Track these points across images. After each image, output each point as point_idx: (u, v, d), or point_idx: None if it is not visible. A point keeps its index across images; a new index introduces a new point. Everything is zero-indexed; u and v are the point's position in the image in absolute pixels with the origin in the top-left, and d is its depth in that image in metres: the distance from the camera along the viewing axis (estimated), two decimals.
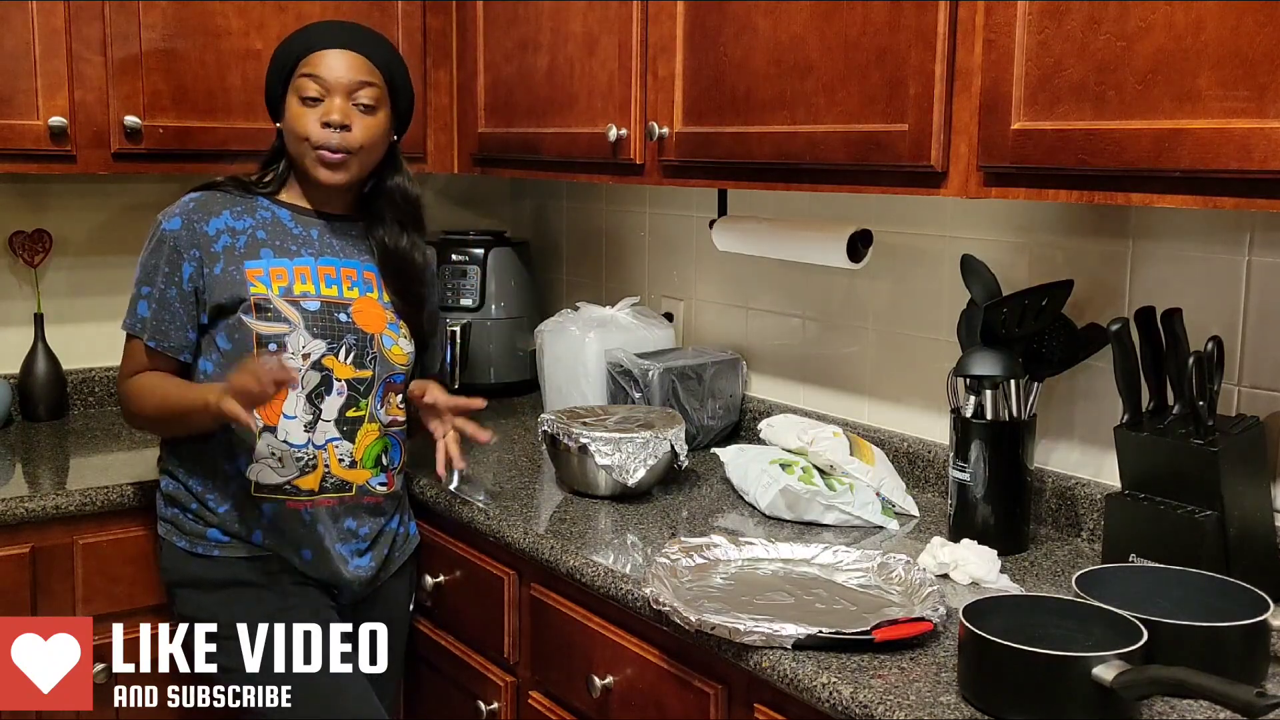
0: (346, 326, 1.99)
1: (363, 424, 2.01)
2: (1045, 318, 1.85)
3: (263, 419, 1.94)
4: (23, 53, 2.26)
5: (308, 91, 1.95)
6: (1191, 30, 1.34)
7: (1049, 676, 1.29)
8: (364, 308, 2.03)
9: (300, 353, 1.95)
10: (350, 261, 2.05)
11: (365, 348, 2.01)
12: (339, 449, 1.99)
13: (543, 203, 3.21)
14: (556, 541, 1.89)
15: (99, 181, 2.72)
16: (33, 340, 2.63)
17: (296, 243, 2.02)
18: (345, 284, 2.03)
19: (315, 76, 1.95)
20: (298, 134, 1.96)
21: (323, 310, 1.98)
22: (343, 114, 1.95)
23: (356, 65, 1.97)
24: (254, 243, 1.98)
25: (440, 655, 2.22)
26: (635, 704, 1.75)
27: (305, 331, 1.96)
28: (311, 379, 1.96)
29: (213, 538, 1.98)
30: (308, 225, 2.04)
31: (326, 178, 1.97)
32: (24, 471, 2.30)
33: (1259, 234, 1.72)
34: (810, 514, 1.98)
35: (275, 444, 1.95)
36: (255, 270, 1.96)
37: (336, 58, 1.96)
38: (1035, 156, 1.51)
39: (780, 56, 1.86)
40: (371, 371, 2.01)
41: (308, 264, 2.01)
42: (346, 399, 1.99)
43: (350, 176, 1.99)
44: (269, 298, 1.95)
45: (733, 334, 2.62)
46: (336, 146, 1.95)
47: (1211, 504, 1.61)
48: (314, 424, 1.97)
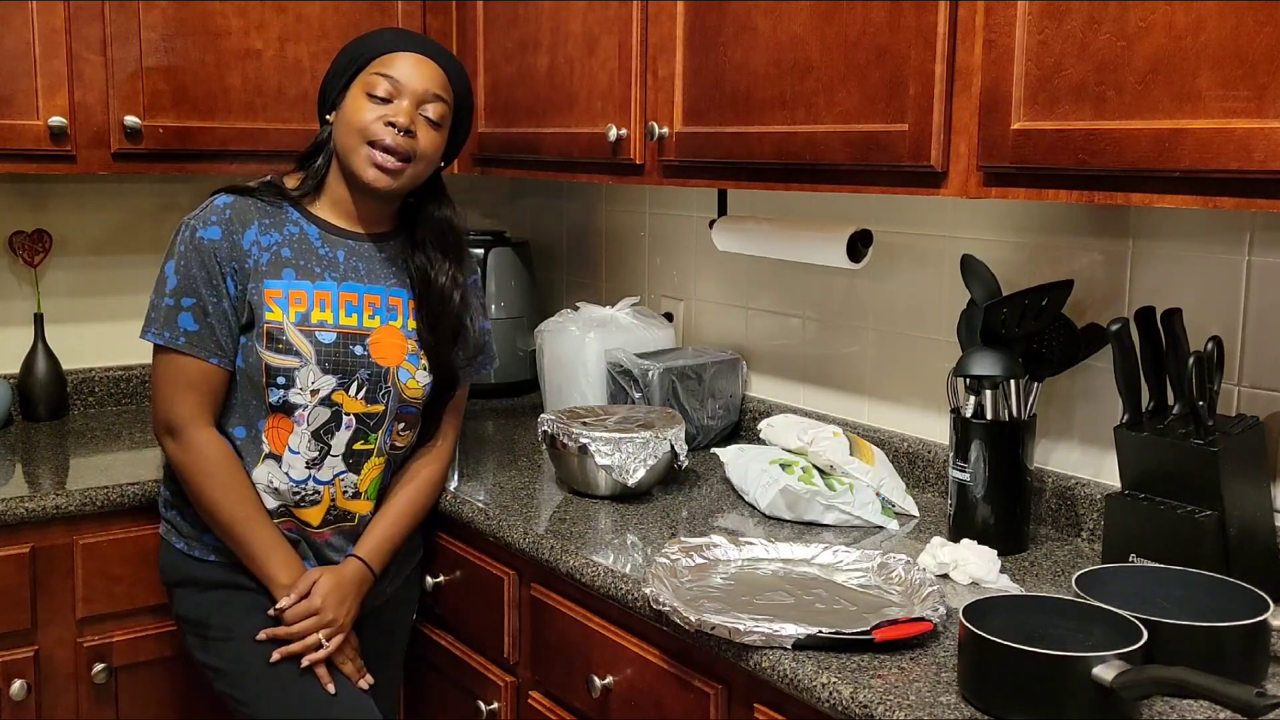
0: (360, 361, 1.93)
1: (370, 457, 1.98)
2: (1045, 318, 1.85)
3: (271, 445, 1.92)
4: (23, 53, 2.26)
5: (378, 89, 1.88)
6: (1191, 30, 1.34)
7: (1049, 676, 1.29)
8: (382, 338, 1.95)
9: (309, 389, 1.90)
10: (375, 288, 1.97)
11: (379, 382, 1.95)
12: (344, 481, 1.96)
13: (543, 203, 3.21)
14: (556, 541, 1.89)
15: (99, 181, 2.72)
16: (33, 340, 2.63)
17: (321, 265, 1.93)
18: (366, 312, 1.95)
19: (389, 76, 1.88)
20: (355, 125, 1.87)
21: (337, 342, 1.92)
22: (409, 119, 1.88)
23: (433, 76, 1.92)
24: (278, 261, 1.90)
25: (440, 655, 2.22)
26: (635, 704, 1.75)
27: (316, 367, 1.90)
28: (320, 415, 1.91)
29: (209, 541, 1.97)
30: (334, 246, 1.96)
31: (374, 179, 1.88)
32: (24, 471, 2.30)
33: (1259, 234, 1.72)
34: (810, 514, 1.98)
35: (276, 474, 1.92)
36: (274, 291, 1.89)
37: (416, 63, 1.90)
38: (1035, 156, 1.51)
39: (780, 56, 1.86)
40: (384, 406, 1.96)
41: (329, 289, 1.93)
42: (355, 432, 1.95)
43: (399, 186, 1.91)
44: (282, 327, 1.88)
45: (733, 334, 2.62)
46: (394, 147, 1.86)
47: (1211, 504, 1.61)
48: (320, 460, 1.93)
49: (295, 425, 1.91)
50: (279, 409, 1.91)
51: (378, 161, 1.88)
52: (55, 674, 2.15)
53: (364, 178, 1.89)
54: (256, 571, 1.91)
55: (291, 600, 1.88)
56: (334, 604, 1.90)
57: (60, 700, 2.16)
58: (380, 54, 1.91)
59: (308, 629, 1.88)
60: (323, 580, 1.91)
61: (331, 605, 1.90)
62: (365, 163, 1.88)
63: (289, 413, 1.91)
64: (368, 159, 1.88)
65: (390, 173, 1.89)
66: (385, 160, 1.88)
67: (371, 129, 1.87)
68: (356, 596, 1.95)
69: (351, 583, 1.95)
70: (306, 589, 1.90)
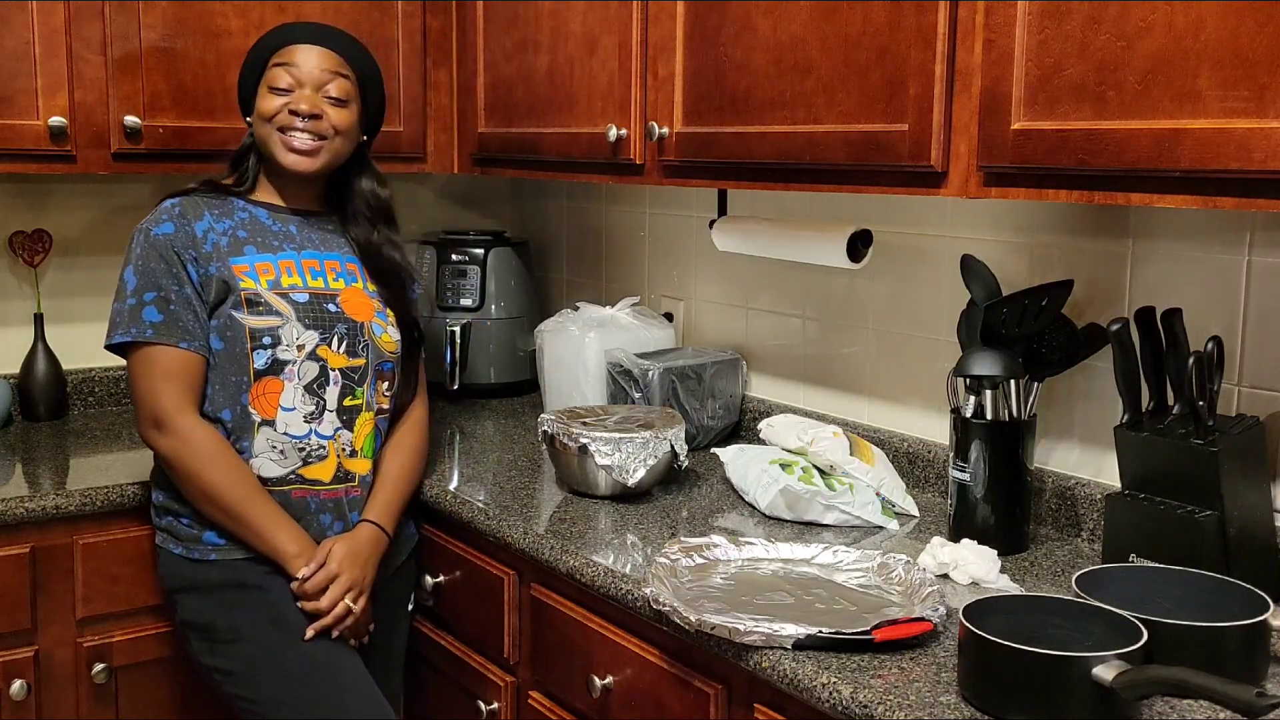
0: (337, 316, 2.02)
1: (361, 412, 2.05)
2: (1045, 318, 1.85)
3: (260, 414, 1.96)
4: (23, 53, 2.26)
5: (279, 82, 2.00)
6: (1191, 30, 1.34)
7: (1049, 676, 1.29)
8: (351, 297, 2.06)
9: (295, 344, 1.97)
10: (331, 254, 2.09)
11: (356, 336, 2.04)
12: (342, 438, 2.02)
13: (543, 203, 3.21)
14: (556, 541, 1.89)
15: (99, 181, 2.72)
16: (33, 340, 2.63)
17: (277, 238, 2.05)
18: (330, 275, 2.06)
19: (287, 66, 2.00)
20: (264, 116, 2.00)
21: (312, 301, 2.01)
22: (311, 104, 2.00)
23: (327, 59, 2.03)
24: (236, 241, 2.00)
25: (440, 655, 2.22)
26: (635, 704, 1.75)
27: (298, 323, 1.98)
28: (309, 370, 1.98)
29: (209, 541, 1.97)
30: (285, 221, 2.07)
31: (293, 163, 2.00)
32: (24, 471, 2.30)
33: (1259, 234, 1.72)
34: (810, 514, 1.98)
35: (275, 437, 1.97)
36: (241, 266, 1.98)
37: (308, 52, 2.02)
38: (1035, 156, 1.51)
39: (780, 56, 1.86)
40: (364, 359, 2.04)
41: (291, 258, 2.03)
42: (342, 388, 2.02)
43: (320, 165, 2.02)
44: (258, 291, 1.97)
45: (733, 334, 2.62)
46: (303, 130, 1.98)
47: (1211, 504, 1.61)
48: (319, 414, 1.99)
49: (286, 383, 1.97)
50: (266, 371, 1.96)
51: (294, 146, 2.00)
52: (55, 674, 2.15)
53: (284, 164, 2.01)
54: (263, 547, 1.92)
55: (310, 570, 1.91)
56: (351, 566, 1.94)
57: (60, 700, 2.16)
58: (276, 49, 2.04)
59: (334, 597, 1.91)
60: (337, 546, 1.95)
61: (349, 567, 1.94)
62: (281, 149, 2.01)
63: (278, 371, 1.97)
64: (282, 144, 2.00)
65: (307, 154, 2.01)
66: (300, 143, 2.00)
67: (279, 119, 2.00)
68: (373, 557, 2.00)
69: (367, 543, 1.99)
70: (323, 558, 1.93)
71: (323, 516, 2.00)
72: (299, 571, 1.91)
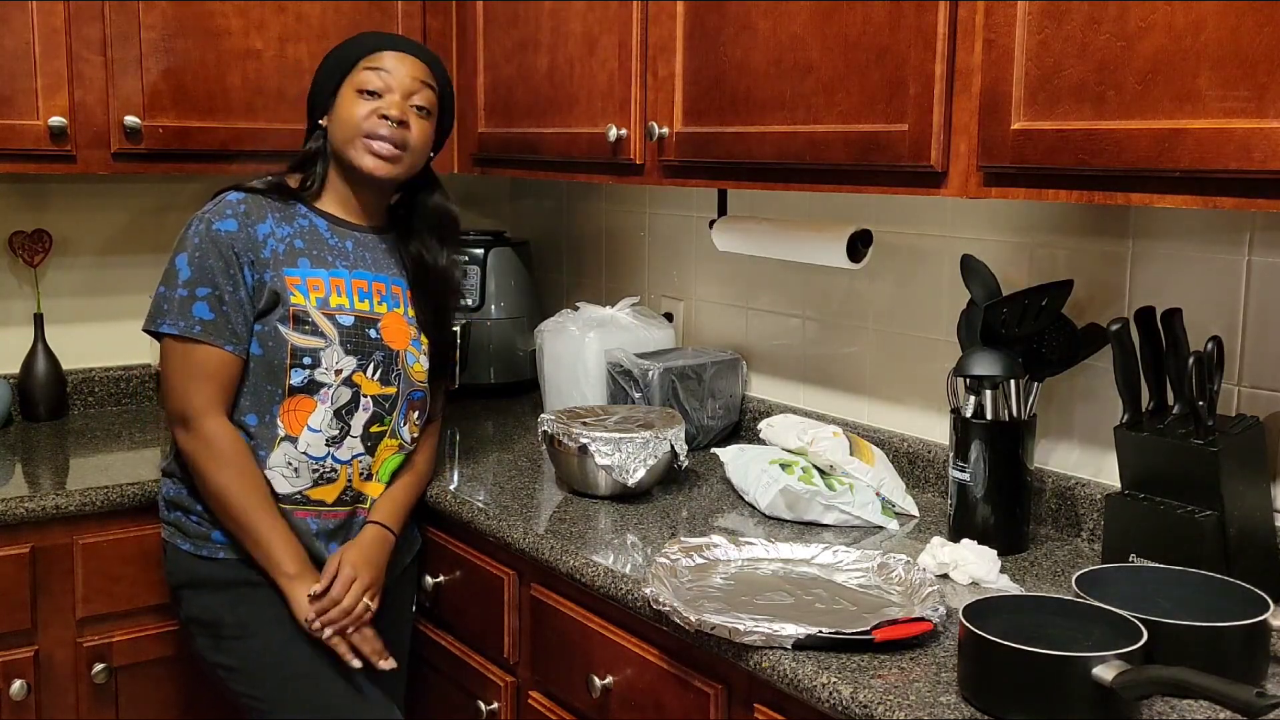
0: (375, 343, 2.00)
1: (384, 439, 2.03)
2: (1045, 318, 1.85)
3: (286, 428, 1.95)
4: (23, 53, 2.26)
5: (369, 85, 1.98)
6: (1191, 30, 1.34)
7: (1049, 676, 1.29)
8: (391, 323, 2.04)
9: (333, 369, 1.96)
10: (381, 276, 2.06)
11: (391, 364, 2.02)
12: (361, 462, 2.01)
13: (542, 203, 3.21)
14: (556, 541, 1.89)
15: (99, 181, 2.72)
16: (33, 340, 2.63)
17: (333, 254, 2.02)
18: (375, 298, 2.04)
19: (379, 70, 1.98)
20: (351, 121, 1.97)
21: (355, 325, 1.99)
22: (401, 110, 1.98)
23: (418, 68, 2.03)
24: (293, 250, 1.98)
25: (440, 655, 2.22)
26: (635, 704, 1.75)
27: (339, 348, 1.96)
28: (342, 395, 1.97)
29: (217, 539, 1.97)
30: (343, 237, 2.04)
31: (374, 167, 1.98)
32: (24, 471, 2.30)
33: (1259, 234, 1.72)
34: (810, 514, 1.98)
35: (294, 455, 1.96)
36: (294, 279, 1.96)
37: (401, 59, 2.01)
38: (1035, 156, 1.51)
39: (780, 56, 1.86)
40: (396, 389, 2.03)
41: (342, 276, 2.01)
42: (372, 415, 2.01)
43: (399, 172, 2.01)
44: (307, 310, 1.95)
45: (733, 334, 2.62)
46: (389, 137, 1.96)
47: (1211, 504, 1.61)
48: (340, 440, 1.98)
49: (319, 404, 1.96)
50: (301, 389, 1.95)
51: (376, 150, 1.98)
52: (55, 674, 2.15)
53: (365, 168, 1.99)
54: (262, 559, 1.92)
55: (324, 584, 1.91)
56: (366, 568, 1.96)
57: (60, 700, 2.16)
58: (367, 53, 2.01)
59: (355, 596, 1.92)
60: (348, 554, 1.96)
61: (361, 567, 1.95)
62: (364, 153, 1.98)
63: (312, 392, 1.95)
64: (365, 149, 1.98)
65: (389, 160, 1.99)
66: (383, 149, 1.98)
67: (367, 123, 1.97)
68: (382, 556, 2.00)
69: (373, 544, 2.00)
70: (334, 569, 1.93)
71: (318, 541, 1.99)
72: (307, 590, 1.90)
